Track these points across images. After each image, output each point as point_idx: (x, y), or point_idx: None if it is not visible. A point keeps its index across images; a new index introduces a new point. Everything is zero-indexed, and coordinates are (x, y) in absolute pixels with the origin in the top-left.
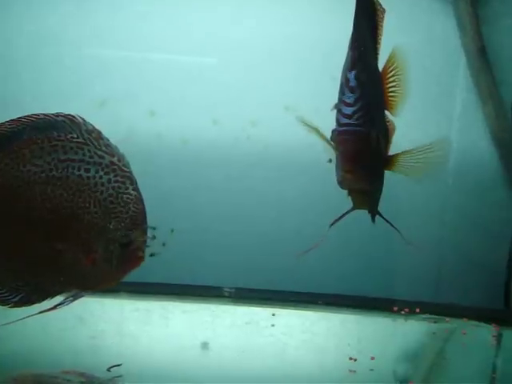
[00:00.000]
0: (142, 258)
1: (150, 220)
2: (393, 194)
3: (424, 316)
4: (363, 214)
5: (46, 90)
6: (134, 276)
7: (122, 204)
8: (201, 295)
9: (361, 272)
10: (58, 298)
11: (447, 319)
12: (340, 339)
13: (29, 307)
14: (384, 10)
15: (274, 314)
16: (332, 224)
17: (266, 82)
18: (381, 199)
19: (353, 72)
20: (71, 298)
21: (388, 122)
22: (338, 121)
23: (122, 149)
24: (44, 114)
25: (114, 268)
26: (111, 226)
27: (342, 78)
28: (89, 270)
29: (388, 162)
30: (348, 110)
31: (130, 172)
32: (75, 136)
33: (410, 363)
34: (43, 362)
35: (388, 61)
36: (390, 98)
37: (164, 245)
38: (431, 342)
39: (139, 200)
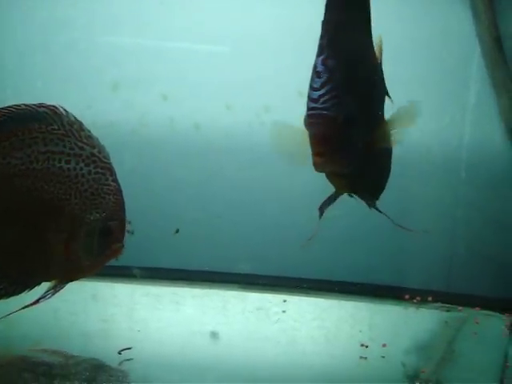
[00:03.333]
0: (120, 249)
1: (160, 206)
2: (406, 186)
3: (436, 305)
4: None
5: (59, 75)
6: (145, 261)
7: (102, 195)
8: (211, 280)
9: (372, 260)
10: (39, 292)
11: (460, 308)
12: (351, 326)
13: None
14: None
15: (285, 301)
16: (320, 209)
17: (279, 68)
18: (393, 192)
19: (320, 57)
20: (52, 291)
21: None
22: (307, 105)
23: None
24: (25, 105)
25: (93, 258)
26: (91, 217)
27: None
28: (69, 260)
29: (371, 144)
30: (314, 94)
31: (110, 163)
32: (56, 127)
33: (422, 352)
34: (54, 345)
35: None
36: None
37: (178, 231)
38: (443, 331)
39: (118, 191)
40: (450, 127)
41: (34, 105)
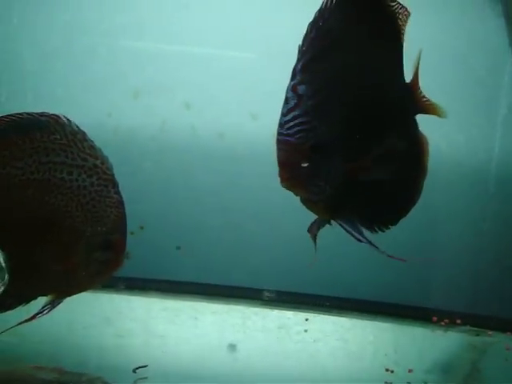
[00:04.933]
0: (121, 263)
1: (179, 215)
2: (431, 200)
3: (465, 328)
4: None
5: (80, 81)
6: (163, 274)
7: (104, 208)
8: (232, 296)
9: (398, 279)
10: (36, 307)
11: (490, 332)
12: (376, 349)
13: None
14: (406, 11)
15: (307, 319)
16: (309, 231)
17: None
18: (418, 205)
19: (291, 82)
20: (50, 306)
21: (420, 132)
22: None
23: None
24: (27, 114)
25: (92, 273)
26: (92, 231)
27: None
28: (67, 274)
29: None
30: (281, 120)
31: (113, 175)
32: (58, 137)
33: (449, 379)
34: (67, 359)
35: (417, 68)
36: (427, 103)
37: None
38: (472, 357)
39: (121, 204)
40: (478, 140)
41: (36, 113)
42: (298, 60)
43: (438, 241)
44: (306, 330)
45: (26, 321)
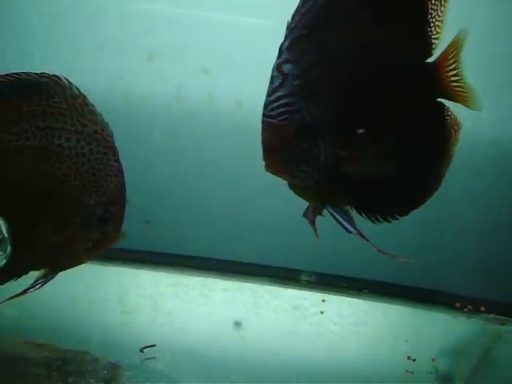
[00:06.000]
0: (119, 235)
1: (189, 188)
2: (449, 189)
3: (489, 316)
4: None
5: (89, 43)
6: (173, 247)
7: (104, 177)
8: (243, 273)
9: (421, 261)
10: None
11: None
12: (396, 335)
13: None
14: None
15: (323, 300)
16: (305, 216)
17: None
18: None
19: (276, 61)
20: (42, 280)
21: (450, 116)
22: None
23: None
24: (26, 73)
25: (89, 246)
26: (91, 201)
27: None
28: (63, 247)
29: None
30: (266, 100)
31: (113, 142)
32: (58, 101)
33: (473, 369)
34: (70, 336)
35: (449, 49)
36: (457, 90)
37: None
38: (497, 347)
39: (121, 173)
40: (505, 119)
41: (36, 74)
42: (286, 37)
43: (464, 223)
44: (322, 312)
45: (17, 295)
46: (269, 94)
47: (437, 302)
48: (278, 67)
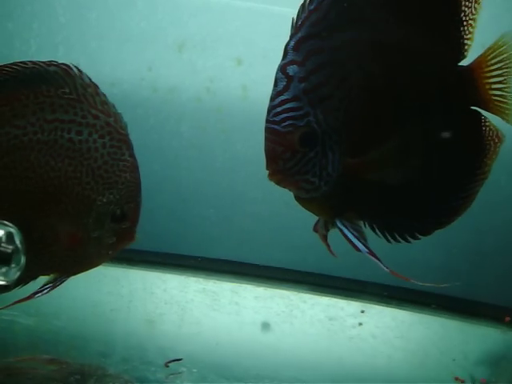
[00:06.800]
0: (134, 235)
1: (218, 185)
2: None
3: None
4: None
5: (116, 33)
6: (201, 250)
7: (118, 173)
8: (277, 278)
9: (468, 271)
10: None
11: None
12: (442, 352)
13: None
14: None
15: (362, 311)
16: (315, 230)
17: None
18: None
19: (281, 62)
20: (51, 285)
21: (489, 127)
22: None
23: None
24: (32, 62)
25: (103, 247)
26: (104, 199)
27: None
28: (73, 251)
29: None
30: (269, 104)
31: (127, 135)
32: (67, 91)
33: None
34: (89, 347)
35: (488, 51)
36: (495, 100)
37: None
38: None
39: (136, 168)
40: None
41: (43, 62)
42: (291, 36)
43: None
44: (360, 324)
45: (23, 300)
46: (272, 98)
47: (485, 315)
48: (282, 69)
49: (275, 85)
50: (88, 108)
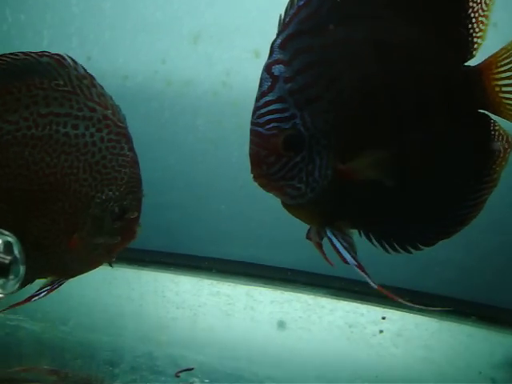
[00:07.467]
0: (135, 233)
1: (232, 183)
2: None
3: None
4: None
5: (130, 24)
6: (215, 251)
7: (117, 168)
8: (294, 281)
9: (495, 277)
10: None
11: None
12: (468, 364)
13: None
14: None
15: (383, 318)
16: (308, 238)
17: None
18: None
19: (266, 61)
20: (48, 288)
21: (498, 132)
22: None
23: None
24: (24, 53)
25: (102, 247)
26: (103, 196)
27: None
28: (72, 252)
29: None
30: (254, 106)
31: (126, 128)
32: (62, 83)
33: None
34: (97, 355)
35: (501, 52)
36: (506, 103)
37: None
38: None
39: (135, 163)
40: None
41: (35, 53)
42: (278, 34)
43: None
44: (381, 331)
45: (20, 303)
46: (257, 99)
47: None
48: (267, 68)
49: (260, 85)
50: (84, 100)
